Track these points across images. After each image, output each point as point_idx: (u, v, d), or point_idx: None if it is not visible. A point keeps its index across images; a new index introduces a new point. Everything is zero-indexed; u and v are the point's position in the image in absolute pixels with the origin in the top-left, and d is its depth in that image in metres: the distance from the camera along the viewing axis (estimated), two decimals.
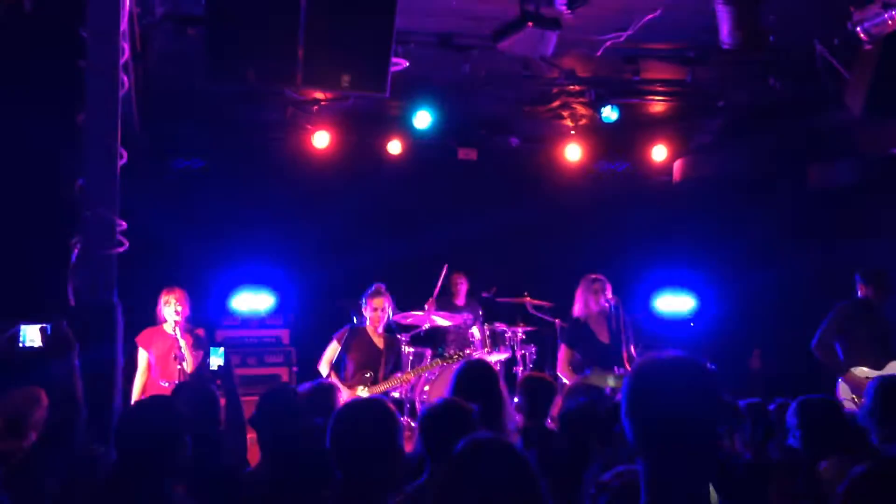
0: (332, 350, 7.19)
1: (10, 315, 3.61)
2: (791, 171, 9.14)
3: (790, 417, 4.20)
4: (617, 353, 6.88)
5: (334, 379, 6.96)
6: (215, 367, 4.02)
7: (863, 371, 6.56)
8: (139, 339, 6.86)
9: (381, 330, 7.28)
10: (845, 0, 5.55)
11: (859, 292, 6.87)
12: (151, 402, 3.42)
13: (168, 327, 6.90)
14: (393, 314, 7.50)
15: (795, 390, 5.37)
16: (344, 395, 6.44)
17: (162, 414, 3.19)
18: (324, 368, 7.17)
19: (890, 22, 5.15)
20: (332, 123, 9.20)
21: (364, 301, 7.29)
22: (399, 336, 8.02)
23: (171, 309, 6.84)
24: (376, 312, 7.23)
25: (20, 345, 3.54)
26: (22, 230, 6.27)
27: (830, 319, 6.77)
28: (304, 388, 4.78)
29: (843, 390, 6.63)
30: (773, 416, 4.49)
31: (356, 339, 7.21)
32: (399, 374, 7.32)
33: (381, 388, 7.08)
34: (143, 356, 6.89)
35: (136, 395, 6.63)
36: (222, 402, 4.26)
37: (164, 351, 6.84)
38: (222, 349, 4.03)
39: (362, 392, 6.96)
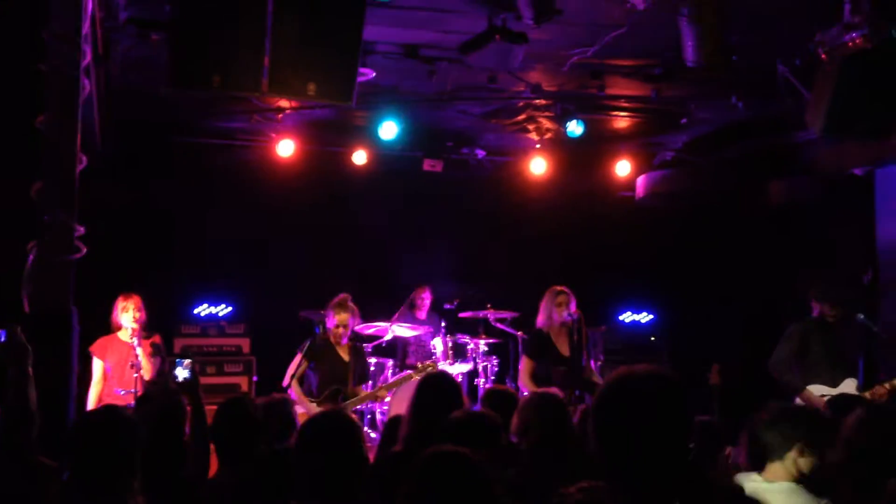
0: (297, 365, 6.98)
1: None
2: (752, 189, 9.26)
3: None
4: (577, 366, 6.91)
5: (296, 394, 6.85)
6: (181, 379, 3.94)
7: (819, 389, 6.61)
8: (93, 348, 6.69)
9: (345, 340, 7.20)
10: (807, 21, 5.65)
11: (814, 311, 6.91)
12: (103, 413, 3.35)
13: (123, 335, 6.78)
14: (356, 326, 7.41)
15: (754, 406, 5.42)
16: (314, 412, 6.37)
17: (114, 425, 3.13)
18: (293, 390, 6.92)
19: (850, 44, 5.24)
20: (297, 132, 9.15)
21: (328, 312, 7.12)
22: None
23: (128, 315, 6.72)
24: (338, 329, 7.05)
25: None
26: None
27: (785, 339, 6.81)
28: (260, 401, 4.72)
29: None
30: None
31: (321, 352, 7.04)
32: (369, 390, 7.20)
33: (352, 405, 6.95)
34: (98, 365, 6.73)
35: (91, 405, 6.50)
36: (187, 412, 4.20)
37: (120, 359, 6.71)
38: (189, 360, 3.95)
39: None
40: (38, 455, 3.18)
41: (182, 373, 3.93)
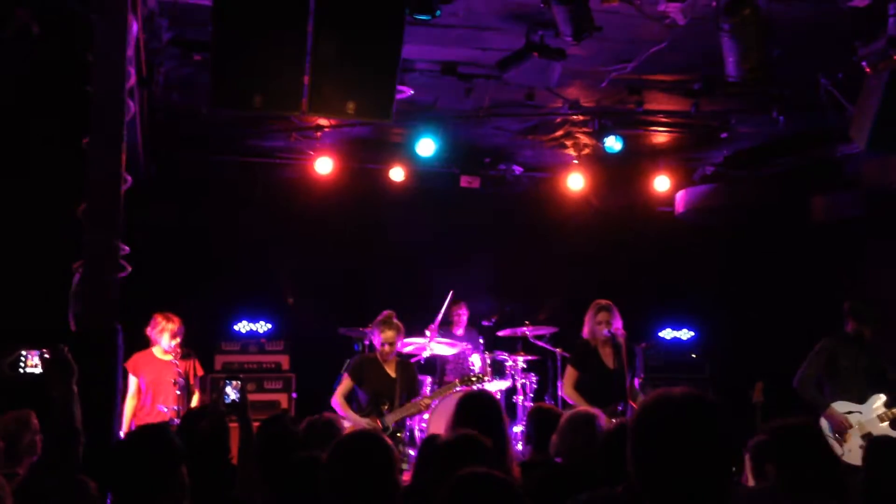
0: (346, 385, 7.03)
1: (11, 340, 3.57)
2: (795, 204, 9.13)
3: None
4: (620, 381, 6.90)
5: (342, 408, 6.87)
6: (230, 400, 3.96)
7: (844, 405, 6.59)
8: (128, 364, 6.76)
9: (392, 357, 7.18)
10: (850, 35, 5.58)
11: (847, 326, 6.87)
12: (145, 432, 3.37)
13: (158, 351, 6.86)
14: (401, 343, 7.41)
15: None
16: (362, 425, 6.41)
17: (156, 444, 3.14)
18: (338, 404, 6.97)
19: (895, 57, 5.17)
20: (335, 149, 9.21)
21: (374, 330, 7.13)
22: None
23: (167, 336, 6.81)
24: (385, 347, 7.06)
25: (21, 370, 3.50)
26: (25, 254, 6.28)
27: (813, 356, 6.83)
28: (304, 423, 4.73)
29: (824, 427, 6.59)
30: None
31: (367, 370, 7.08)
32: (415, 400, 7.21)
33: (396, 416, 6.97)
34: (132, 382, 6.81)
35: (126, 422, 6.57)
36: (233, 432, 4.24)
37: (158, 376, 6.79)
38: (237, 381, 3.97)
39: (373, 422, 6.86)
40: (81, 473, 3.20)
41: (232, 393, 3.95)
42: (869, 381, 6.65)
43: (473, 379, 7.50)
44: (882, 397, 6.56)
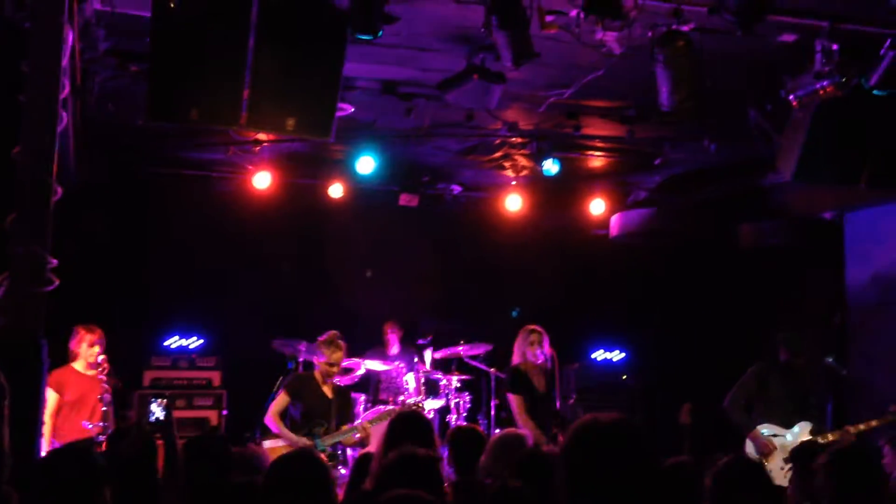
0: (281, 402, 6.88)
1: None
2: (723, 231, 9.37)
3: None
4: (551, 402, 7.13)
5: (278, 427, 6.77)
6: (154, 419, 3.86)
7: (770, 428, 6.78)
8: (49, 381, 6.56)
9: (335, 378, 7.12)
10: (778, 68, 5.77)
11: (780, 354, 7.06)
12: (68, 451, 3.29)
13: (80, 366, 6.69)
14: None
15: (726, 446, 5.44)
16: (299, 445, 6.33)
17: (79, 463, 3.08)
18: (272, 421, 6.83)
19: (821, 91, 5.36)
20: (274, 164, 9.14)
21: (318, 350, 7.03)
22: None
23: (93, 350, 6.64)
24: (332, 367, 6.97)
25: None
26: None
27: (746, 378, 7.00)
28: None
29: (749, 448, 6.81)
30: None
31: (305, 387, 6.96)
32: (353, 424, 7.13)
33: (333, 438, 6.85)
34: (52, 398, 6.55)
35: (47, 440, 6.37)
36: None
37: (82, 392, 6.60)
38: (165, 400, 3.88)
39: (308, 442, 6.76)
40: (12, 495, 3.12)
41: (157, 411, 3.85)
42: (796, 408, 6.83)
43: (413, 407, 7.49)
44: (808, 425, 6.75)
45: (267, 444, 6.68)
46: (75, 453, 3.16)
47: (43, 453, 5.87)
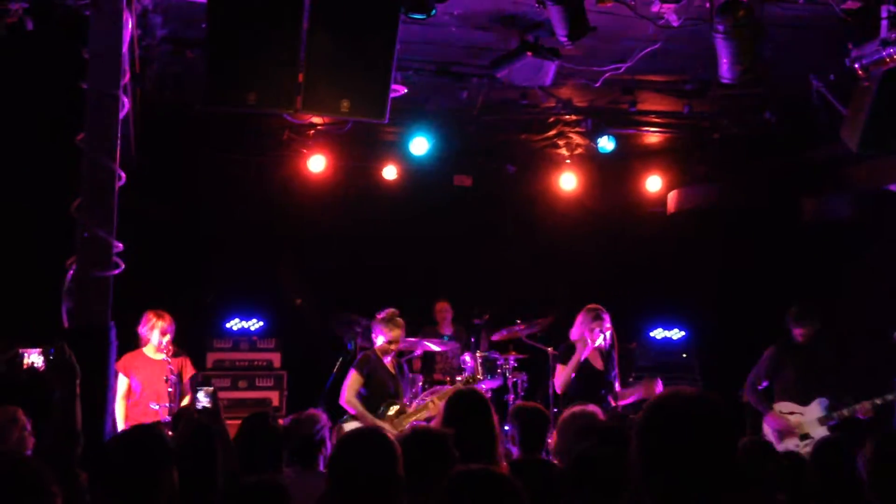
0: (355, 382, 6.93)
1: (5, 337, 3.56)
2: (785, 205, 9.17)
3: None
4: (608, 380, 7.10)
5: (358, 410, 6.82)
6: (201, 407, 3.86)
7: (787, 406, 6.88)
8: (118, 365, 6.72)
9: (387, 357, 7.15)
10: (843, 36, 5.61)
11: (792, 331, 7.09)
12: (138, 431, 3.35)
13: (150, 350, 6.85)
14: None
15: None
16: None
17: (149, 444, 3.13)
18: (349, 403, 6.87)
19: (888, 59, 5.19)
20: (328, 148, 9.20)
21: (377, 327, 7.06)
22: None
23: (158, 333, 6.79)
24: (392, 345, 7.01)
25: (17, 369, 3.48)
26: (19, 250, 6.25)
27: (762, 361, 7.14)
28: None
29: (767, 431, 6.88)
30: None
31: (373, 367, 7.01)
32: (422, 402, 7.14)
33: (407, 419, 6.89)
34: (122, 382, 6.76)
35: (121, 423, 6.54)
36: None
37: (149, 375, 6.76)
38: (210, 388, 3.89)
39: (390, 423, 6.80)
40: (81, 473, 3.19)
41: (203, 399, 3.88)
42: (811, 385, 6.87)
43: (470, 381, 7.51)
44: (824, 401, 6.79)
45: (347, 426, 6.73)
46: (143, 435, 3.21)
47: None
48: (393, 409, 6.88)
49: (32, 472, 2.14)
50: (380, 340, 7.04)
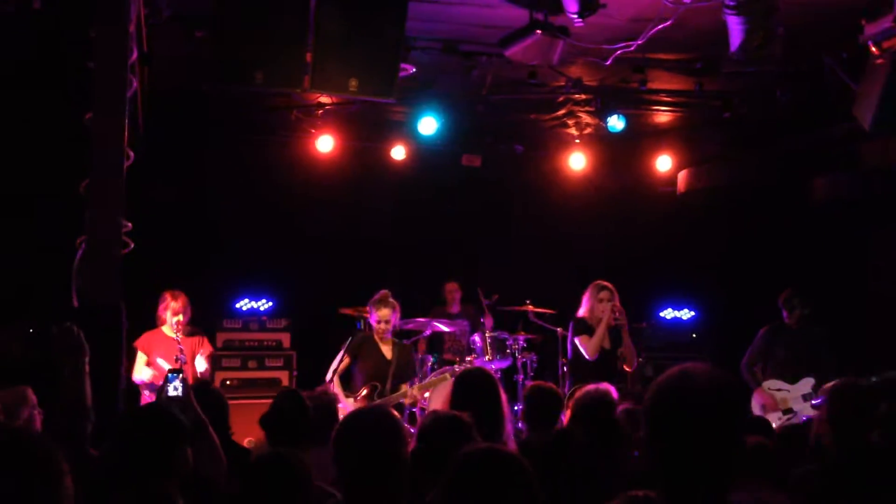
0: (342, 363, 6.97)
1: (15, 316, 3.57)
2: (795, 185, 9.11)
3: None
4: (616, 360, 7.06)
5: (337, 389, 6.86)
6: (172, 396, 3.82)
7: (775, 384, 7.22)
8: (138, 343, 6.80)
9: (388, 336, 7.13)
10: (855, 13, 5.55)
11: (784, 314, 7.43)
12: (156, 409, 3.36)
13: (168, 330, 6.89)
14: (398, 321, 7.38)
15: None
16: (349, 408, 6.37)
17: (167, 420, 3.13)
18: (332, 383, 6.90)
19: None
20: (336, 127, 9.17)
21: (370, 308, 7.09)
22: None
23: (170, 313, 6.84)
24: (380, 325, 7.00)
25: (31, 349, 3.50)
26: (28, 229, 6.27)
27: (755, 341, 7.48)
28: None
29: (754, 405, 7.21)
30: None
31: (364, 348, 7.04)
32: (404, 388, 7.16)
33: (382, 402, 6.93)
34: (141, 359, 6.85)
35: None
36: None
37: (166, 353, 6.82)
38: (181, 376, 3.84)
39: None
40: (90, 449, 3.20)
41: (173, 391, 3.85)
42: (800, 365, 7.19)
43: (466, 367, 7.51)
44: (811, 380, 7.09)
45: (341, 404, 6.77)
46: (158, 413, 3.21)
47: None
48: (363, 392, 6.91)
49: (41, 448, 2.14)
50: (373, 321, 7.06)
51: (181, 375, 3.91)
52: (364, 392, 6.90)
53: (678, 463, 1.98)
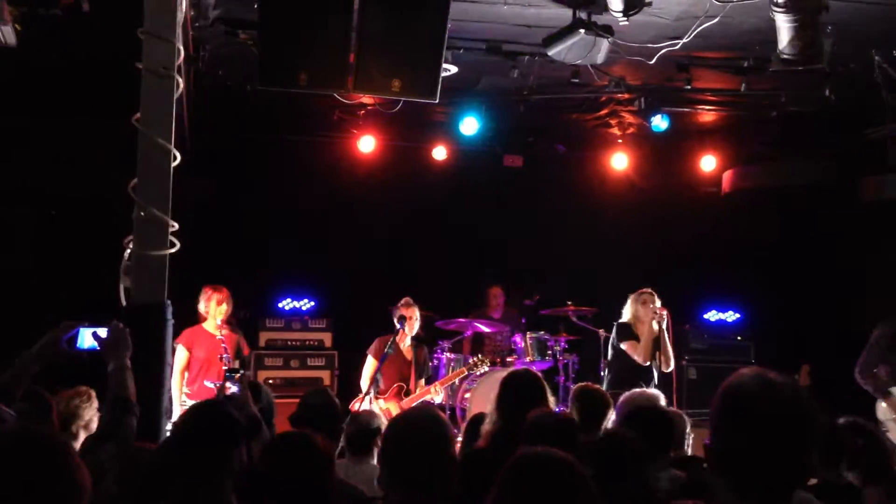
0: (370, 366, 7.15)
1: (64, 316, 3.63)
2: (844, 185, 8.94)
3: None
4: (649, 367, 7.02)
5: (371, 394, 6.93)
6: (229, 394, 3.87)
7: None
8: (180, 339, 6.82)
9: (409, 342, 7.29)
10: None
11: None
12: (215, 407, 3.36)
13: (209, 326, 6.92)
14: (420, 325, 7.44)
15: (846, 408, 5.24)
16: (379, 410, 6.42)
17: (225, 419, 3.14)
18: (364, 384, 7.10)
19: None
20: (378, 128, 9.21)
21: (399, 310, 7.23)
22: (441, 342, 8.04)
23: (220, 308, 6.87)
24: (411, 321, 7.20)
25: (77, 347, 3.57)
26: (76, 229, 6.38)
27: (872, 344, 6.79)
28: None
29: (881, 411, 6.63)
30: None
31: (389, 351, 7.11)
32: (427, 386, 7.28)
33: (408, 401, 7.04)
34: (182, 356, 6.86)
35: (177, 397, 6.64)
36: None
37: (207, 351, 6.85)
38: (239, 374, 3.89)
39: (394, 407, 6.95)
40: (135, 443, 3.24)
41: (232, 387, 3.89)
42: None
43: (478, 363, 7.55)
44: None
45: (377, 406, 6.83)
46: (217, 412, 3.21)
47: (176, 408, 6.19)
48: (399, 394, 7.11)
49: (47, 442, 2.15)
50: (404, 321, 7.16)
51: (238, 374, 3.96)
52: (393, 391, 7.01)
53: (757, 467, 1.95)
